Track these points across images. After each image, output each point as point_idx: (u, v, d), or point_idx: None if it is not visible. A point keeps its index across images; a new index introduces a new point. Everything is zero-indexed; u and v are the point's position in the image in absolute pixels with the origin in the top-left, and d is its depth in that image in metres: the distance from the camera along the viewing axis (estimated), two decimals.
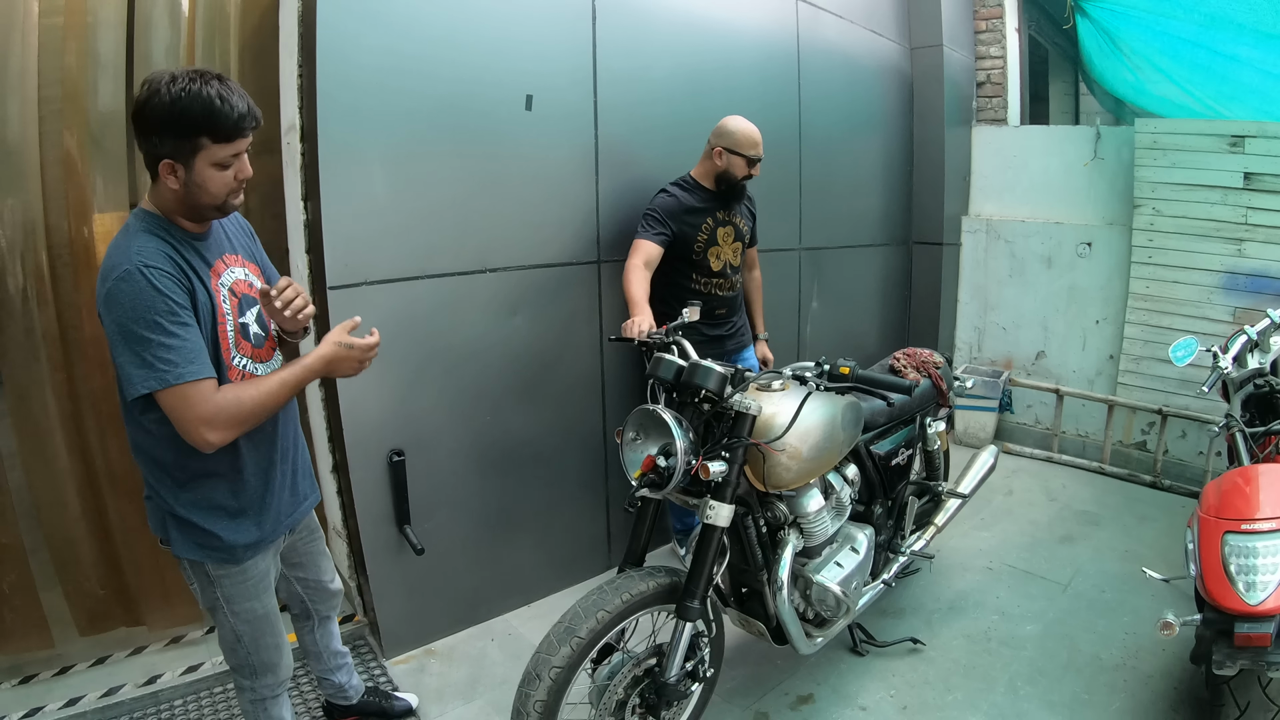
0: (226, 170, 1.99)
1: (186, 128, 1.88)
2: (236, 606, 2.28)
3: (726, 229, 3.93)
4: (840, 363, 2.67)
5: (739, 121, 3.79)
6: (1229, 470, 3.01)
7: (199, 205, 2.02)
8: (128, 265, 1.88)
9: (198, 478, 2.13)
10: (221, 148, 1.94)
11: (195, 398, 1.93)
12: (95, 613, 3.38)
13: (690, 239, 3.81)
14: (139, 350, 1.89)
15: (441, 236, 3.43)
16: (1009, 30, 6.36)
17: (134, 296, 1.87)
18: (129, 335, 1.89)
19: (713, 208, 3.88)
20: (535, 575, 4.00)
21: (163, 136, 1.90)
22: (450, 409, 3.55)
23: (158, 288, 1.90)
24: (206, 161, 1.94)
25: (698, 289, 3.88)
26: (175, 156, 1.92)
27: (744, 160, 3.80)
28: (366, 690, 3.13)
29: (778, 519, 2.90)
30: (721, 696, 3.22)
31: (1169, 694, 3.25)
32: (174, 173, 1.94)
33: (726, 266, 3.95)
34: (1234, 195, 5.05)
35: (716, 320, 3.96)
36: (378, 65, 3.15)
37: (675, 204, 3.80)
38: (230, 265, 2.17)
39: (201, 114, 1.88)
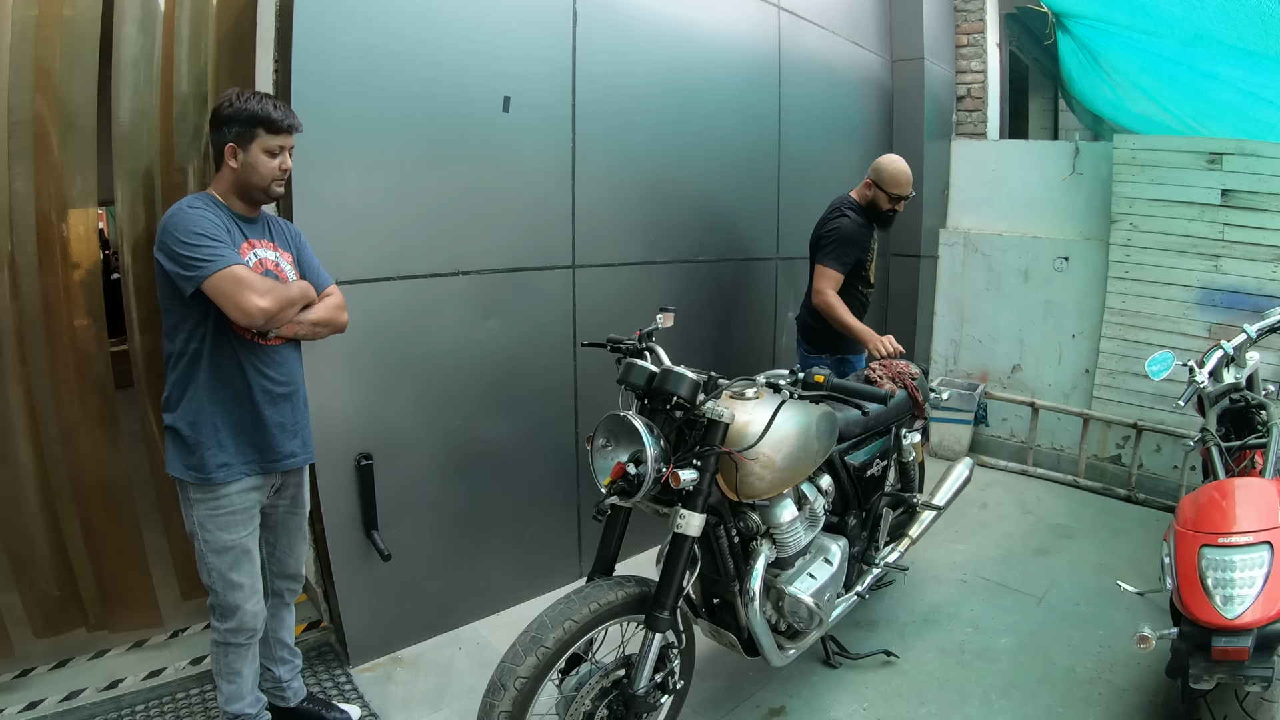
0: (274, 159, 2.52)
1: (248, 120, 2.47)
2: (208, 534, 2.56)
3: (874, 248, 4.52)
4: (815, 371, 2.64)
5: (890, 160, 4.31)
6: (1205, 484, 3.00)
7: (249, 185, 2.53)
8: (180, 207, 2.42)
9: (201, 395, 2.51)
10: (272, 138, 2.50)
11: (242, 274, 2.40)
12: (52, 614, 3.31)
13: (864, 260, 4.40)
14: (186, 255, 2.34)
15: (414, 238, 3.39)
16: (990, 45, 6.39)
17: (182, 222, 2.37)
18: (177, 253, 2.35)
19: (870, 232, 4.43)
20: (505, 584, 3.95)
21: (230, 126, 2.48)
22: (420, 413, 3.50)
23: (203, 217, 2.41)
24: (260, 148, 2.50)
25: (861, 298, 4.51)
26: (238, 141, 2.48)
27: (886, 196, 4.29)
28: (308, 696, 3.11)
29: (750, 529, 2.86)
30: (692, 709, 3.18)
31: (1144, 708, 3.24)
32: (235, 155, 2.49)
33: (874, 278, 4.58)
34: (1211, 211, 5.09)
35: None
36: (354, 63, 3.12)
37: (855, 230, 4.31)
38: (263, 246, 2.61)
39: (260, 111, 2.47)
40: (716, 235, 4.78)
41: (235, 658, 2.70)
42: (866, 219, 4.37)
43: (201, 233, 2.36)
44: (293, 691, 3.04)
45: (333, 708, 3.12)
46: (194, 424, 2.49)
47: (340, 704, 3.16)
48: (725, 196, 4.79)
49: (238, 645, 2.69)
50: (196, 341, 2.47)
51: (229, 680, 2.71)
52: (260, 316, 2.41)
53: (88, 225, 3.20)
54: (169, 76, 3.23)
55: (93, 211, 3.21)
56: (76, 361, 3.19)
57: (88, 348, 3.21)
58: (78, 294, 3.19)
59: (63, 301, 3.14)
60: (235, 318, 2.40)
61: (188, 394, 2.50)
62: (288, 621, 3.00)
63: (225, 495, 2.55)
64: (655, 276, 4.39)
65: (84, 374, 3.22)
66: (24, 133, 2.96)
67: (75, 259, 3.17)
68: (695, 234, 4.63)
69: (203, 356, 2.48)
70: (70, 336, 3.17)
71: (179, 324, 2.47)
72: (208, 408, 2.50)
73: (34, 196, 3.02)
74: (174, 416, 2.51)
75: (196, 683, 3.31)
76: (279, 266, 2.61)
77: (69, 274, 3.15)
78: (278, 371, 2.63)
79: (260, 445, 2.60)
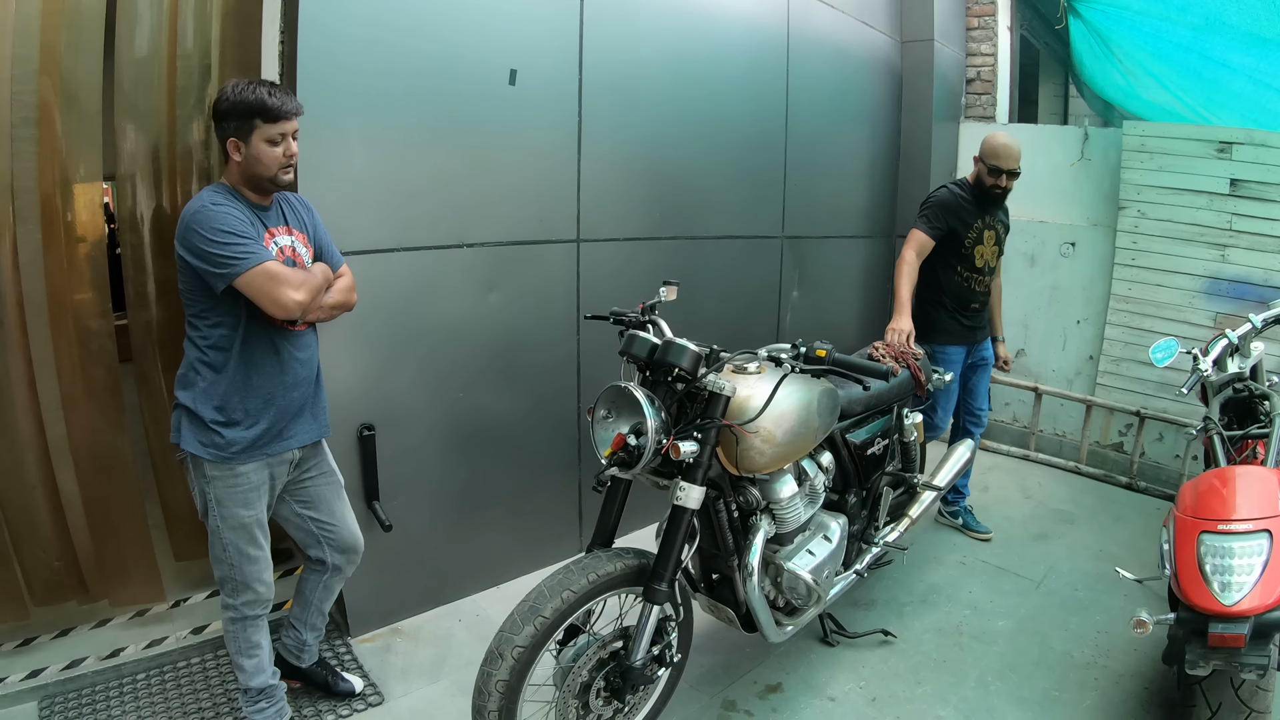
0: (276, 147, 2.47)
1: (245, 112, 2.42)
2: (225, 510, 2.57)
3: (990, 232, 4.34)
4: (817, 345, 2.63)
5: (996, 135, 4.20)
6: (1206, 471, 3.00)
7: (257, 176, 2.50)
8: (203, 203, 2.40)
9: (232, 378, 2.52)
10: (271, 127, 2.45)
11: (275, 269, 2.42)
12: (50, 584, 3.31)
13: (960, 235, 4.24)
14: (216, 254, 2.34)
15: (419, 210, 3.39)
16: (1001, 28, 6.34)
17: (209, 220, 2.35)
18: (206, 250, 2.34)
19: (979, 210, 4.28)
20: (505, 556, 3.96)
21: (229, 120, 2.44)
22: (423, 384, 3.51)
23: (227, 213, 2.40)
24: (261, 139, 2.45)
25: (959, 281, 4.32)
26: (238, 135, 2.44)
27: (986, 169, 4.17)
28: (319, 661, 3.17)
29: (750, 504, 2.87)
30: (689, 683, 3.19)
31: (1140, 693, 3.25)
32: (238, 149, 2.46)
33: (985, 265, 4.34)
34: (1219, 201, 5.06)
35: (971, 312, 4.41)
36: (360, 36, 3.11)
37: (951, 200, 4.26)
38: (281, 232, 2.61)
39: (255, 101, 2.41)
40: (722, 213, 4.77)
41: (253, 630, 2.73)
42: (973, 195, 4.29)
43: (229, 230, 2.36)
44: (309, 654, 3.12)
45: (339, 676, 3.17)
46: (221, 406, 2.50)
47: (345, 674, 3.20)
48: (731, 174, 4.77)
49: (255, 617, 2.72)
50: (227, 329, 2.49)
51: (249, 655, 2.74)
52: (296, 309, 2.45)
53: (92, 200, 3.18)
54: (174, 50, 3.20)
55: (97, 186, 3.18)
56: (80, 335, 3.19)
57: (91, 322, 3.21)
58: (82, 268, 3.17)
59: (67, 275, 3.13)
60: (272, 312, 2.43)
61: (215, 377, 2.51)
62: (335, 594, 3.07)
63: (244, 473, 2.57)
64: (660, 252, 4.38)
65: (88, 347, 3.21)
66: (28, 106, 2.94)
67: (80, 233, 3.15)
68: (700, 211, 4.61)
69: (234, 342, 2.50)
70: (74, 310, 3.16)
71: (204, 311, 2.48)
72: (238, 391, 2.52)
73: (38, 171, 3.00)
74: (193, 396, 2.51)
75: (198, 651, 3.34)
76: (295, 251, 2.62)
77: (73, 248, 3.14)
78: (305, 353, 2.68)
79: (283, 424, 2.63)
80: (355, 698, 3.13)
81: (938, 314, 4.38)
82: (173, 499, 3.54)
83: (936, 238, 4.21)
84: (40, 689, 3.04)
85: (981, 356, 4.59)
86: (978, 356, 4.56)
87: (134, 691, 3.11)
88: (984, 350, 4.59)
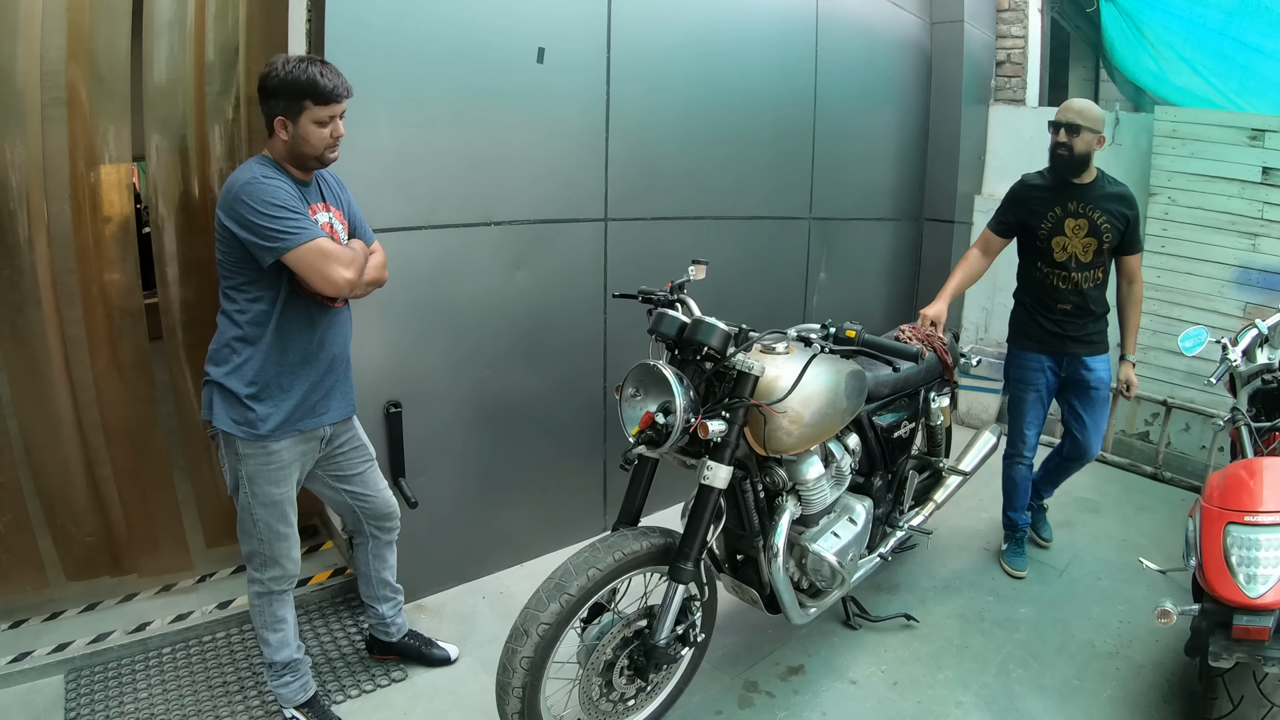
0: (324, 128, 2.47)
1: (295, 92, 2.40)
2: (256, 488, 2.59)
3: (1079, 221, 3.68)
4: (847, 326, 2.62)
5: None
6: (1234, 462, 2.97)
7: (302, 155, 2.49)
8: (252, 175, 2.39)
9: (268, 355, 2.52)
10: (321, 109, 2.44)
11: (327, 246, 2.44)
12: (82, 558, 3.36)
13: (1033, 226, 3.76)
14: (268, 227, 2.34)
15: (446, 188, 3.39)
16: (1032, 10, 6.28)
17: (260, 193, 2.35)
18: (256, 224, 2.34)
19: (1059, 196, 3.70)
20: (529, 535, 3.98)
21: (277, 99, 2.42)
22: (449, 362, 3.52)
23: (279, 188, 2.40)
24: (309, 120, 2.44)
25: (1040, 277, 3.81)
26: (286, 114, 2.43)
27: (1050, 127, 3.66)
28: (409, 633, 3.26)
29: (776, 484, 2.86)
30: (711, 663, 3.20)
31: (1161, 685, 3.23)
32: (285, 128, 2.45)
33: (1072, 260, 3.72)
34: (1251, 189, 4.99)
35: (1057, 315, 3.81)
36: (387, 10, 3.11)
37: (1018, 191, 3.85)
38: (320, 209, 2.61)
39: (306, 82, 2.39)
40: (749, 193, 4.74)
41: (279, 604, 2.76)
42: (1051, 180, 3.74)
43: (281, 204, 2.36)
44: (396, 627, 3.20)
45: (433, 644, 3.26)
46: (255, 383, 2.51)
47: (440, 643, 3.28)
48: (759, 155, 4.74)
49: (281, 592, 2.74)
50: (266, 304, 2.49)
51: (274, 629, 2.76)
52: (346, 287, 2.49)
53: (121, 180, 3.20)
54: (201, 29, 3.21)
55: (125, 167, 3.20)
56: (111, 314, 3.22)
57: (121, 300, 3.24)
58: (111, 247, 3.20)
59: (97, 255, 3.16)
60: (321, 288, 2.46)
61: (250, 351, 2.51)
62: (390, 560, 3.13)
63: (276, 450, 2.58)
64: (687, 232, 4.36)
65: (119, 326, 3.25)
66: (57, 87, 2.96)
67: (108, 213, 3.18)
68: (728, 191, 4.59)
69: (271, 318, 2.50)
70: (104, 289, 3.20)
71: (243, 285, 2.47)
72: (274, 368, 2.53)
73: (68, 151, 3.02)
74: (225, 373, 2.51)
75: (223, 626, 3.38)
76: (334, 228, 2.62)
77: (102, 228, 3.16)
78: (339, 330, 2.71)
79: (316, 400, 2.65)
80: (380, 674, 3.16)
81: (1018, 313, 3.99)
82: (201, 475, 3.58)
83: (1001, 232, 3.88)
84: (67, 662, 3.08)
85: (1084, 374, 3.86)
86: (1077, 373, 3.87)
87: (159, 665, 3.15)
88: (1090, 367, 3.85)
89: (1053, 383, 3.91)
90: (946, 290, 3.87)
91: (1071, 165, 3.60)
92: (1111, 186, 3.68)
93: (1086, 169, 3.63)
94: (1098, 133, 3.55)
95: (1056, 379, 3.91)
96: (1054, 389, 3.94)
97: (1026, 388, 3.93)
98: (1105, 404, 3.93)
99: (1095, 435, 3.95)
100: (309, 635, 3.37)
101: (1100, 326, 3.83)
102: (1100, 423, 3.94)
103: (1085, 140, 3.53)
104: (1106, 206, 3.64)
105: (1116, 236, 3.66)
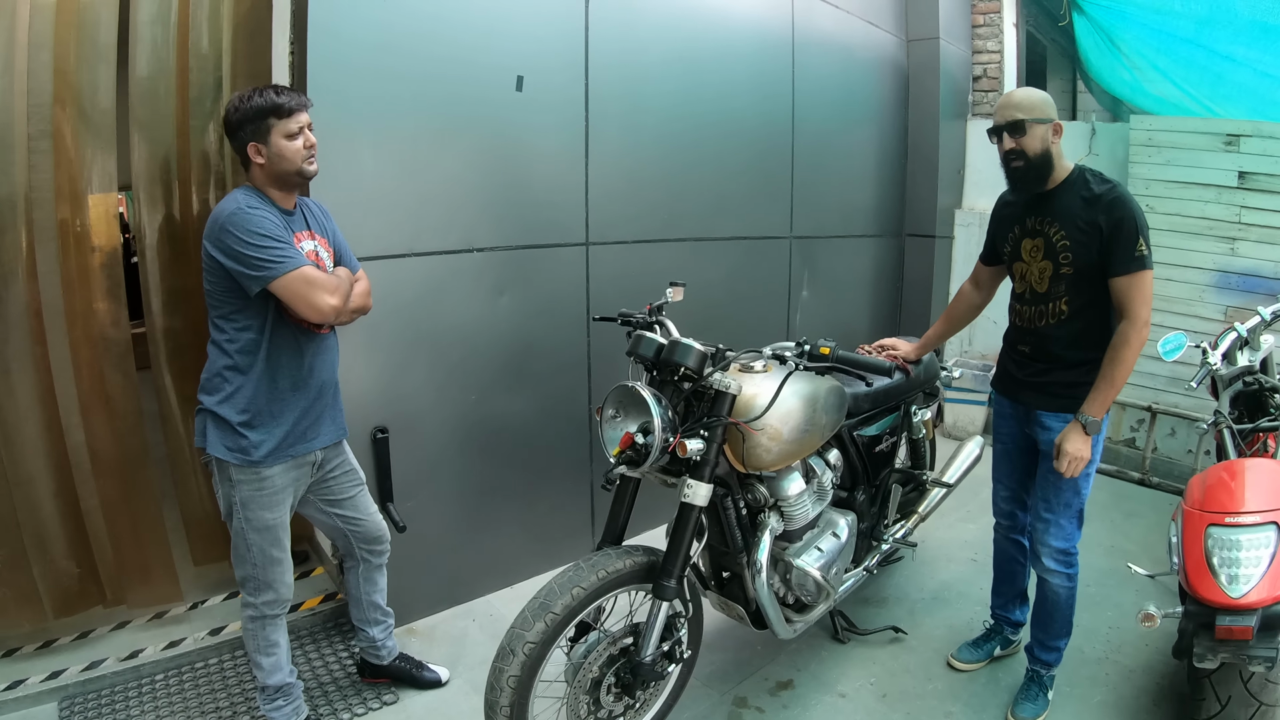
0: (295, 140, 2.52)
1: (258, 115, 2.47)
2: (250, 513, 2.62)
3: (1035, 241, 2.91)
4: (821, 342, 2.65)
5: None
6: (1214, 465, 3.00)
7: (282, 173, 2.54)
8: (238, 205, 2.43)
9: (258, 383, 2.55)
10: (287, 121, 2.50)
11: (312, 274, 2.48)
12: (71, 592, 3.35)
13: (1000, 250, 3.13)
14: (253, 256, 2.38)
15: (429, 215, 3.43)
16: (1007, 25, 6.36)
17: (246, 223, 2.40)
18: (242, 253, 2.38)
19: (1023, 212, 2.97)
20: (518, 557, 3.99)
21: (244, 129, 2.48)
22: (435, 387, 3.55)
23: (264, 217, 2.44)
24: (279, 135, 2.49)
25: (1009, 310, 3.12)
26: (255, 138, 2.49)
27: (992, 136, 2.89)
28: (400, 655, 3.27)
29: (758, 501, 2.89)
30: (700, 680, 3.22)
31: (1151, 689, 3.26)
32: (259, 152, 2.50)
33: (1028, 291, 2.97)
34: (1228, 194, 5.05)
35: (1016, 356, 3.10)
36: (369, 42, 3.15)
37: (995, 208, 3.20)
38: (305, 237, 2.65)
39: (266, 104, 2.47)
40: (730, 214, 4.79)
41: (272, 629, 2.78)
42: (1019, 192, 3.01)
43: (265, 233, 2.41)
44: (387, 650, 3.22)
45: (424, 667, 3.28)
46: (247, 410, 2.55)
47: (430, 666, 3.30)
48: (739, 175, 4.79)
49: (274, 616, 2.77)
50: (254, 332, 2.53)
51: (267, 654, 2.78)
52: (332, 314, 2.54)
53: (107, 210, 3.23)
54: (185, 61, 3.26)
55: (112, 196, 3.24)
56: (97, 344, 3.24)
57: (108, 330, 3.26)
58: (98, 277, 3.22)
59: (83, 285, 3.18)
60: (308, 316, 2.51)
61: (241, 380, 2.54)
62: (380, 584, 3.15)
63: (269, 476, 2.61)
64: (669, 254, 4.40)
65: (105, 355, 3.26)
66: (43, 119, 2.99)
67: (95, 243, 3.20)
68: (709, 212, 4.63)
69: (261, 346, 2.54)
70: (91, 319, 3.22)
71: (232, 314, 2.52)
72: (265, 395, 2.57)
73: (54, 183, 3.05)
74: (218, 401, 2.55)
75: (215, 652, 3.39)
76: (319, 256, 2.67)
77: (89, 258, 3.19)
78: (327, 356, 2.75)
79: (306, 426, 2.68)
80: (372, 697, 3.18)
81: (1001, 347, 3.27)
82: (190, 503, 3.59)
83: (984, 258, 3.32)
84: (60, 690, 3.09)
85: (1038, 432, 3.00)
86: (1032, 429, 3.03)
87: (153, 692, 3.16)
88: (1046, 425, 2.95)
89: (1017, 435, 3.13)
90: (926, 340, 3.52)
91: (1031, 174, 2.83)
92: (1088, 190, 2.78)
93: (1052, 171, 2.84)
94: (1049, 121, 2.78)
95: (1022, 432, 3.13)
96: (1024, 444, 3.15)
97: (996, 437, 3.31)
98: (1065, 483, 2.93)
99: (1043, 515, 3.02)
100: (301, 660, 3.38)
101: (1068, 378, 2.89)
102: (1053, 502, 2.98)
103: (1037, 136, 2.78)
104: (1070, 218, 2.79)
105: (1084, 256, 2.77)
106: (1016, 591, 3.44)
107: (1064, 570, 3.02)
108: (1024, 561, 3.36)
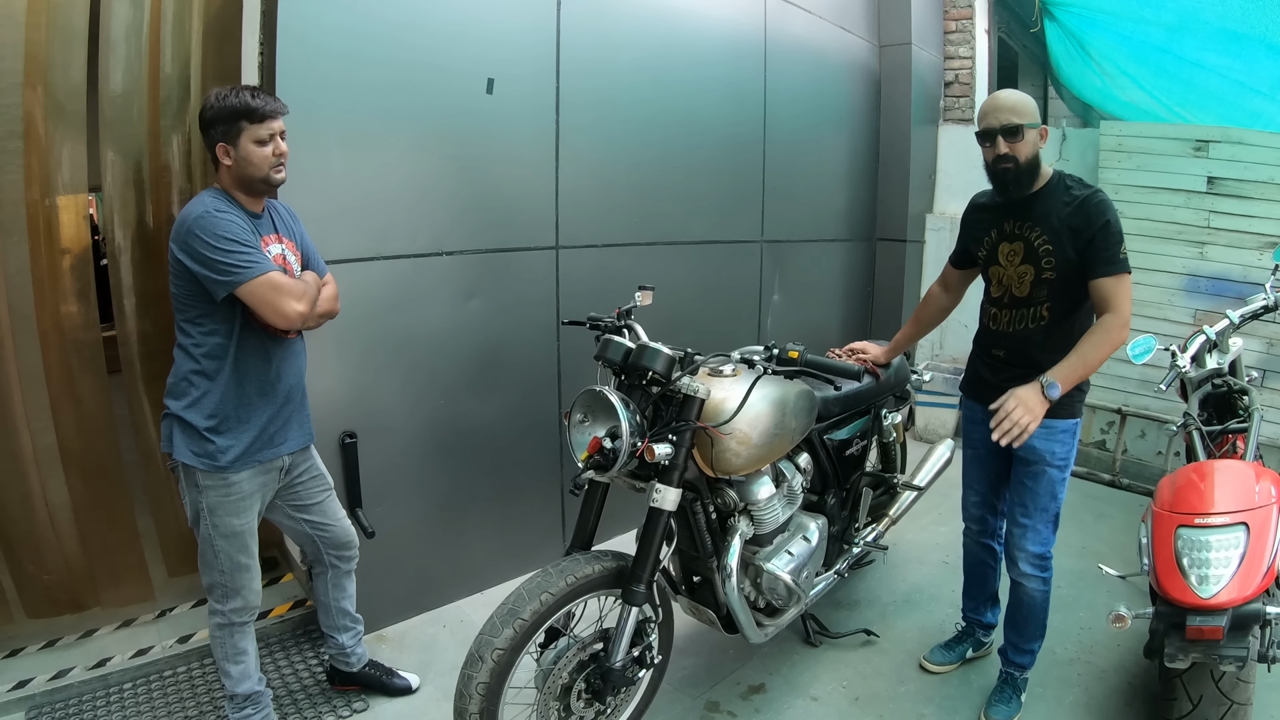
0: (265, 147, 2.50)
1: (230, 116, 2.45)
2: (217, 519, 2.59)
3: (1014, 245, 2.89)
4: (789, 346, 2.66)
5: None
6: (1184, 466, 3.02)
7: (248, 178, 2.52)
8: (205, 209, 2.41)
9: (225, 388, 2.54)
10: (258, 127, 2.47)
11: (279, 280, 2.47)
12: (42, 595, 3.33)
13: (974, 253, 3.11)
14: (220, 260, 2.37)
15: (398, 218, 3.41)
16: (978, 31, 6.40)
17: (212, 227, 2.38)
18: (208, 257, 2.36)
19: (999, 216, 2.95)
20: (489, 562, 3.98)
21: (216, 127, 2.46)
22: (404, 392, 3.53)
23: (231, 221, 2.43)
24: (249, 140, 2.47)
25: (982, 314, 3.12)
26: (225, 139, 2.47)
27: (983, 140, 2.85)
28: (370, 662, 3.25)
29: (728, 506, 2.89)
30: (672, 685, 3.21)
31: (1123, 688, 3.28)
32: (227, 154, 2.48)
33: (1006, 295, 2.94)
34: (1197, 199, 5.11)
35: (990, 361, 3.08)
36: (338, 46, 3.14)
37: (966, 213, 3.18)
38: (273, 241, 2.64)
39: (240, 105, 2.45)
40: (701, 218, 4.79)
41: (240, 636, 2.76)
42: (993, 198, 2.98)
43: (232, 238, 2.39)
44: (357, 657, 3.20)
45: (393, 674, 3.26)
46: (214, 415, 2.53)
47: (401, 673, 3.28)
48: (710, 179, 4.80)
49: (242, 624, 2.75)
50: (221, 337, 2.51)
51: (235, 661, 2.76)
52: (298, 319, 2.52)
53: (77, 212, 3.20)
54: (156, 62, 3.23)
55: (82, 198, 3.21)
56: (68, 346, 3.21)
57: (79, 333, 3.23)
58: (68, 279, 3.20)
59: (53, 287, 3.15)
60: (274, 321, 2.49)
61: (209, 385, 2.52)
62: (349, 590, 3.13)
63: (236, 482, 2.59)
64: (639, 258, 4.40)
65: (76, 358, 3.23)
66: (13, 119, 2.96)
67: (65, 245, 3.18)
68: (680, 216, 4.64)
69: (228, 351, 2.52)
70: (61, 321, 3.18)
71: (198, 318, 2.49)
72: (232, 400, 2.55)
73: (24, 183, 3.02)
74: (184, 406, 2.53)
75: (184, 660, 3.35)
76: (287, 260, 2.65)
77: (59, 260, 3.16)
78: (294, 361, 2.73)
79: (274, 431, 2.67)
80: (341, 705, 3.15)
81: (971, 351, 3.27)
82: (162, 506, 3.56)
83: (956, 263, 3.33)
84: (27, 699, 3.05)
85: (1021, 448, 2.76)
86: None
87: (120, 700, 3.12)
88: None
89: (989, 440, 2.68)
90: (895, 343, 3.55)
91: (1020, 178, 2.79)
92: (1069, 194, 2.78)
93: (1037, 176, 2.84)
94: (1038, 125, 2.78)
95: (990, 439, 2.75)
96: (995, 449, 2.93)
97: (966, 442, 3.30)
98: (1041, 488, 2.95)
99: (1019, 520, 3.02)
100: (270, 667, 3.34)
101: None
102: (1029, 507, 2.98)
103: (1030, 142, 2.76)
104: (1052, 222, 2.78)
105: (1066, 261, 2.76)
106: (988, 595, 3.46)
107: (1039, 575, 3.03)
108: (995, 565, 3.39)
